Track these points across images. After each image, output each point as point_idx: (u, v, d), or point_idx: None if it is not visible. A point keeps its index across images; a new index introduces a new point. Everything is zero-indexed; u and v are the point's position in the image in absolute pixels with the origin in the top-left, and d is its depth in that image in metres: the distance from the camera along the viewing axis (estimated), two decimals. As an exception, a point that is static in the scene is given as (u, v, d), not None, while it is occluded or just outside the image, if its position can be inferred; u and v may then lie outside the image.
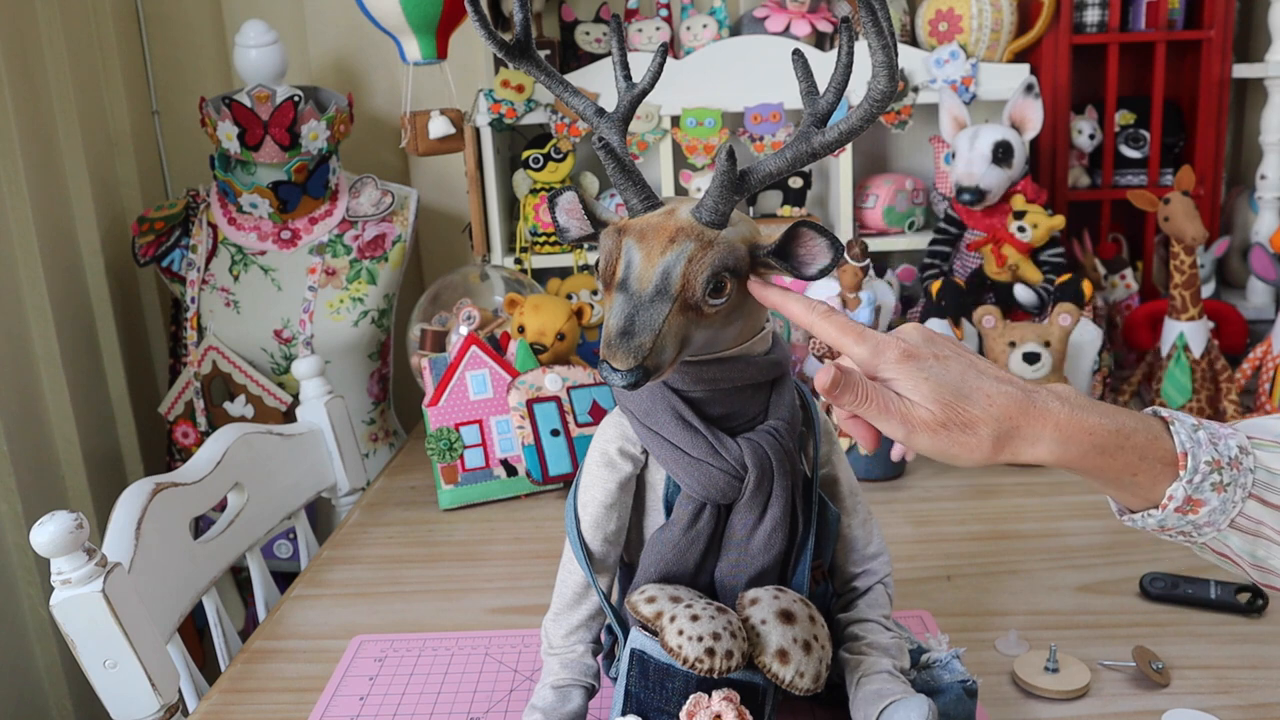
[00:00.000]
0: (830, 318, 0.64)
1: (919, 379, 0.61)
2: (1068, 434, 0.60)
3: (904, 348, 0.62)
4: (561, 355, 1.34)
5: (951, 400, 0.60)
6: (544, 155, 1.63)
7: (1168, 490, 0.60)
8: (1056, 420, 0.60)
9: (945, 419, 0.60)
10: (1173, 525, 0.61)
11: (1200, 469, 0.59)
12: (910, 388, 0.61)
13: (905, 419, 0.61)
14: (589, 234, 0.72)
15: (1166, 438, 0.61)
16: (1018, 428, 0.60)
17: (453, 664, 0.91)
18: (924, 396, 0.60)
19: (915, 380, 0.61)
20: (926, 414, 0.60)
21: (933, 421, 0.60)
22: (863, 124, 0.65)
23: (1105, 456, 0.60)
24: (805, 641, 0.68)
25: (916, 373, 0.61)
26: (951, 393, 0.60)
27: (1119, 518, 0.65)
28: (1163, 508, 0.60)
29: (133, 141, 1.73)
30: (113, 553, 0.88)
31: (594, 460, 0.74)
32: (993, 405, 0.60)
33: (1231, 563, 0.63)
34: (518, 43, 0.75)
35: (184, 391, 1.59)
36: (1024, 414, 0.60)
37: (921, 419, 0.61)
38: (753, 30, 1.68)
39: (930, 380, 0.61)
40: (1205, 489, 0.59)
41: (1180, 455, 0.60)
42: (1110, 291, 1.65)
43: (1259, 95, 1.69)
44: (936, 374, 0.61)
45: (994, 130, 1.46)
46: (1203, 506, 0.60)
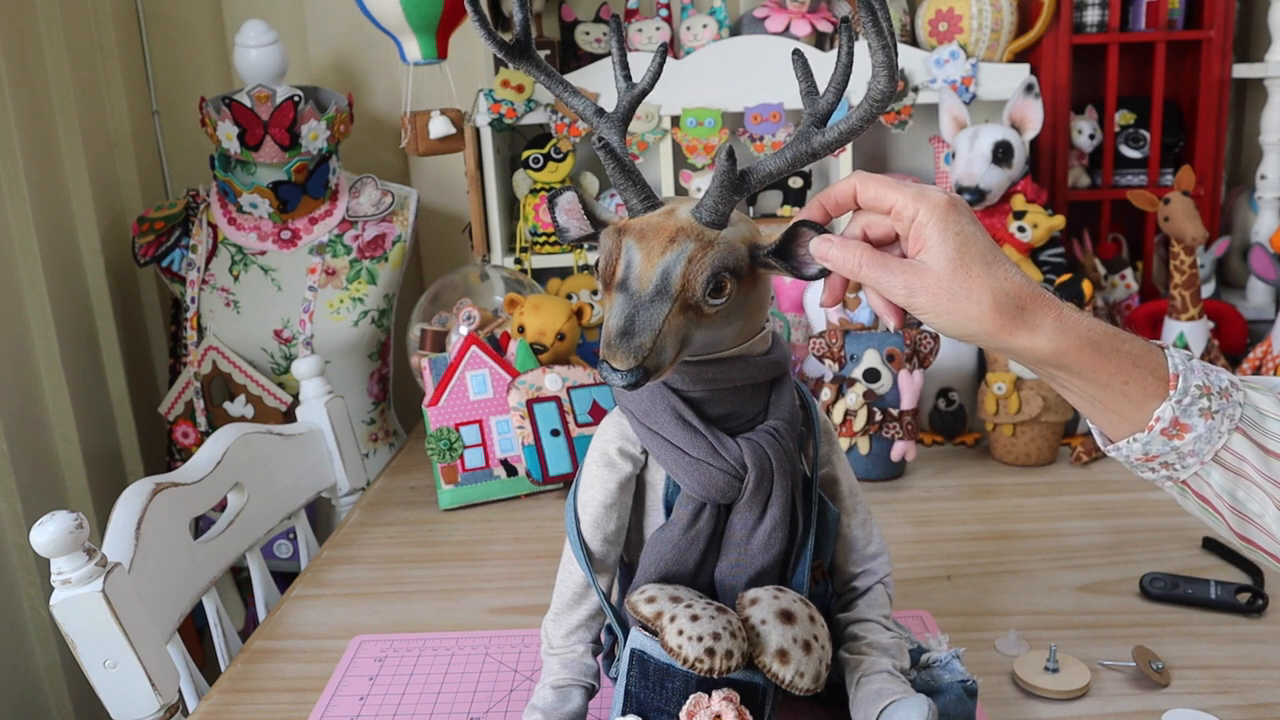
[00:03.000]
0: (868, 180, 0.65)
1: (950, 231, 0.60)
2: (1068, 324, 0.60)
3: (949, 198, 0.61)
4: (561, 355, 1.34)
5: (971, 263, 0.59)
6: (544, 155, 1.63)
7: (1156, 410, 0.59)
8: (1059, 311, 0.60)
9: (955, 281, 0.59)
10: (1157, 451, 0.60)
11: (1190, 391, 0.59)
12: (938, 238, 0.60)
13: (907, 280, 0.61)
14: (589, 234, 0.72)
15: (1160, 355, 0.61)
16: (1023, 308, 0.59)
17: (453, 664, 0.91)
18: (947, 251, 0.60)
19: (946, 233, 0.60)
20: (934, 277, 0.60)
21: (939, 285, 0.60)
22: (863, 124, 0.65)
23: (1100, 355, 0.60)
24: (805, 641, 0.68)
25: (952, 224, 0.60)
26: (974, 255, 0.60)
27: (1103, 448, 0.64)
28: (1149, 429, 0.60)
29: (133, 141, 1.73)
30: (113, 553, 0.88)
31: (594, 460, 0.75)
32: (1009, 282, 0.60)
33: (1212, 510, 0.62)
34: (518, 43, 0.75)
35: (184, 391, 1.59)
36: (1032, 298, 0.60)
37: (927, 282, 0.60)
38: (753, 30, 1.68)
39: (961, 234, 0.60)
40: (1193, 413, 0.59)
41: (1173, 375, 0.59)
42: (1110, 291, 1.65)
43: (1259, 95, 1.69)
44: (970, 232, 0.60)
45: (994, 130, 1.46)
46: (1189, 432, 0.59)
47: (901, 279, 0.61)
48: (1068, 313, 0.60)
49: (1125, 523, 1.14)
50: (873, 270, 0.62)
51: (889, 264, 0.62)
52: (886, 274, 0.61)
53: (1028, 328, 0.60)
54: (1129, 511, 1.17)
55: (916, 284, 0.61)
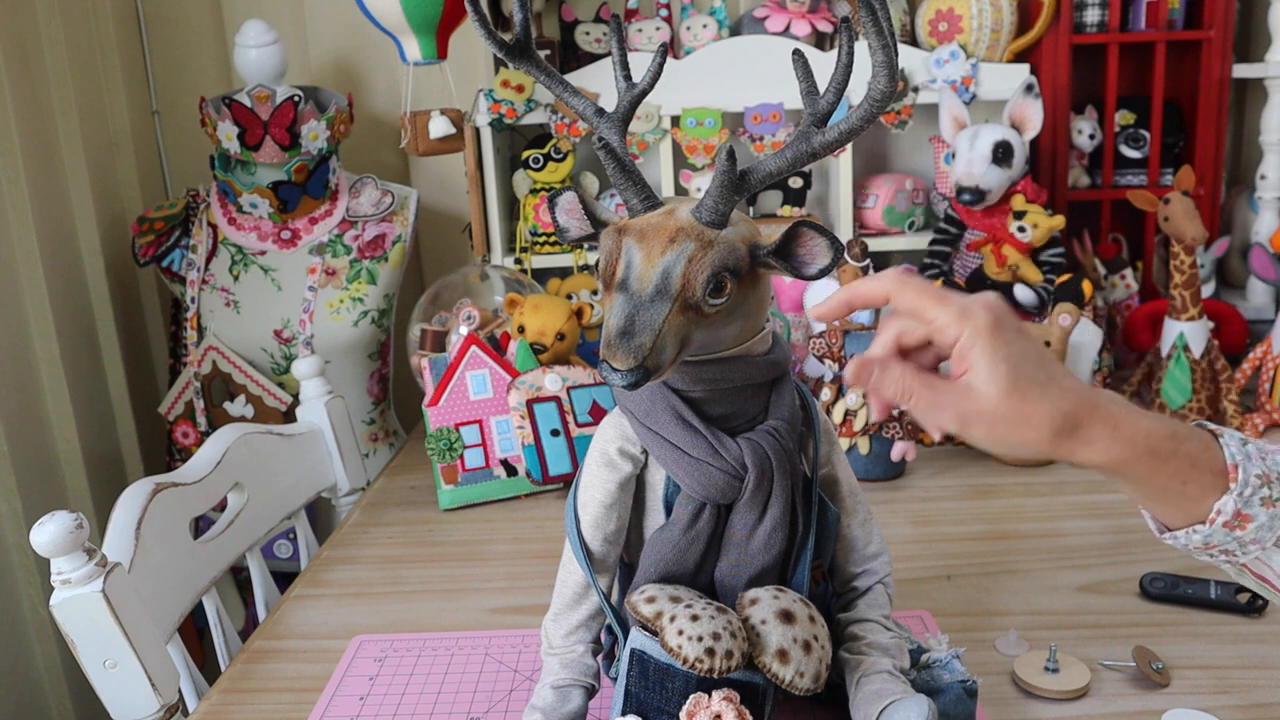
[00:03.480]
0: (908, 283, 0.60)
1: (999, 357, 0.56)
2: (1124, 434, 0.57)
3: (994, 317, 0.56)
4: (561, 355, 1.34)
5: (1024, 387, 0.56)
6: (544, 155, 1.63)
7: (1216, 504, 0.58)
8: (1115, 421, 0.57)
9: (1008, 409, 0.56)
10: (1218, 542, 0.59)
11: (1251, 482, 0.57)
12: (987, 365, 0.56)
13: (960, 411, 0.57)
14: (589, 234, 0.72)
15: (1216, 448, 0.59)
16: (1079, 425, 0.57)
17: (453, 664, 0.91)
18: (998, 379, 0.56)
19: (994, 359, 0.56)
20: (987, 405, 0.56)
21: (992, 414, 0.56)
22: (863, 124, 0.65)
23: (1158, 461, 0.58)
24: (805, 641, 0.68)
25: (1000, 348, 0.56)
26: (1028, 378, 0.56)
27: (1158, 535, 0.62)
28: (1210, 522, 0.58)
29: (133, 141, 1.73)
30: (113, 553, 0.89)
31: (594, 460, 0.75)
32: (1063, 399, 0.56)
33: (1271, 587, 0.61)
34: (518, 43, 0.75)
35: (184, 391, 1.59)
36: (1088, 411, 0.57)
37: (980, 409, 0.56)
38: (753, 30, 1.68)
39: (1011, 359, 0.56)
40: (1255, 503, 0.57)
41: (1231, 467, 0.58)
42: (1110, 291, 1.65)
43: (1259, 95, 1.69)
44: (1019, 352, 0.56)
45: (994, 130, 1.46)
46: (1250, 522, 0.57)
47: (954, 411, 0.58)
48: (1124, 420, 0.57)
49: (1125, 523, 1.14)
50: (923, 401, 0.58)
51: (939, 392, 0.58)
52: (937, 408, 0.58)
53: (1083, 443, 0.57)
54: (1129, 511, 1.17)
55: (971, 413, 0.57)
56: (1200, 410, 1.37)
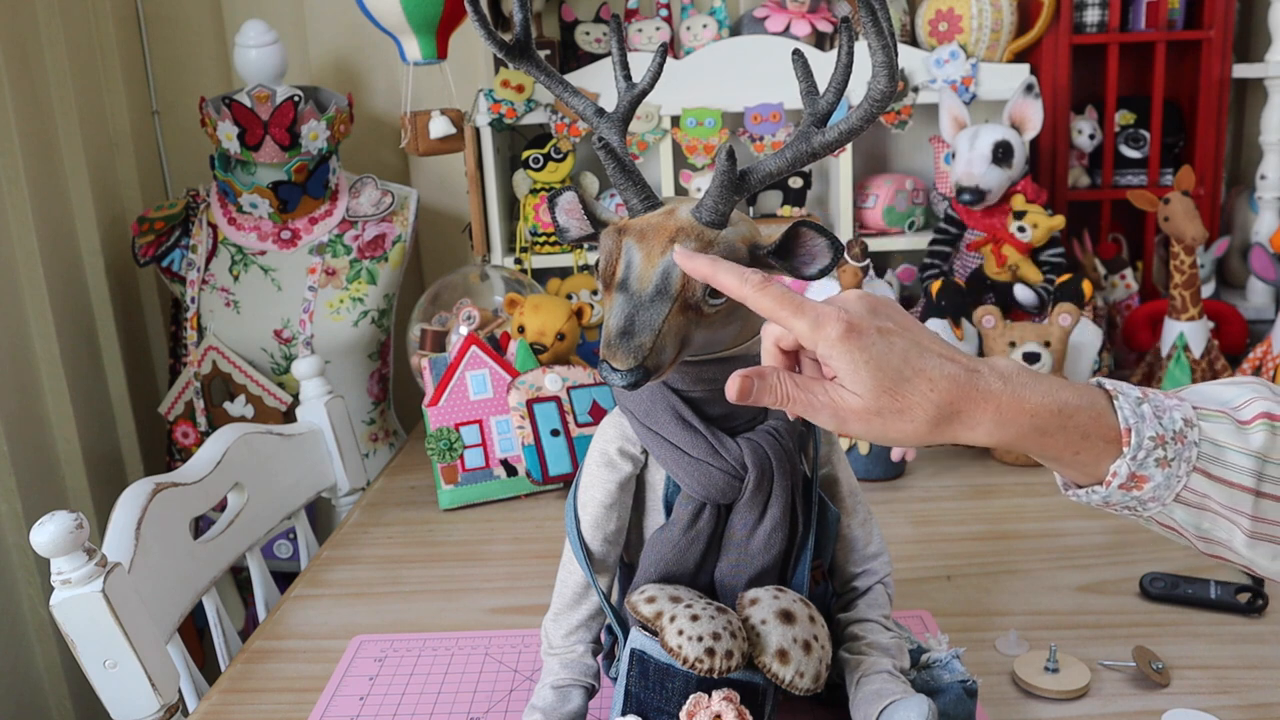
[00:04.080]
0: (764, 289, 0.60)
1: (859, 362, 0.57)
2: (1007, 416, 0.57)
3: (846, 323, 0.57)
4: (561, 355, 1.34)
5: (891, 386, 0.57)
6: (544, 155, 1.63)
7: (1111, 467, 0.58)
8: (998, 402, 0.57)
9: (880, 406, 0.57)
10: (1117, 501, 0.60)
11: (1144, 445, 0.57)
12: (848, 370, 0.57)
13: (835, 411, 0.58)
14: (589, 234, 0.72)
15: (1110, 413, 0.58)
16: (958, 412, 0.57)
17: (453, 664, 0.91)
18: (861, 382, 0.57)
19: (854, 364, 0.57)
20: (859, 402, 0.57)
21: (865, 410, 0.57)
22: (863, 124, 0.65)
23: (1045, 437, 0.58)
24: (805, 641, 0.68)
25: (857, 354, 0.57)
26: (892, 377, 0.57)
27: (1064, 492, 0.63)
28: (1106, 484, 0.59)
29: (133, 141, 1.73)
30: (113, 553, 0.89)
31: (594, 460, 0.75)
32: (934, 391, 0.57)
33: (1178, 534, 0.62)
34: (518, 43, 0.75)
35: (184, 391, 1.59)
36: (965, 397, 0.57)
37: (853, 408, 0.57)
38: (753, 30, 1.68)
39: (871, 363, 0.57)
40: (1149, 465, 0.57)
41: (1124, 431, 0.58)
42: (1110, 291, 1.65)
43: (1259, 95, 1.69)
44: (879, 354, 0.57)
45: (994, 130, 1.46)
46: (1147, 483, 0.58)
47: (828, 413, 0.59)
48: (1006, 400, 0.57)
49: (1125, 523, 1.13)
50: (799, 405, 0.59)
51: (813, 395, 0.59)
52: (813, 409, 0.59)
53: (965, 426, 0.58)
54: (1129, 511, 1.17)
55: (844, 413, 0.58)
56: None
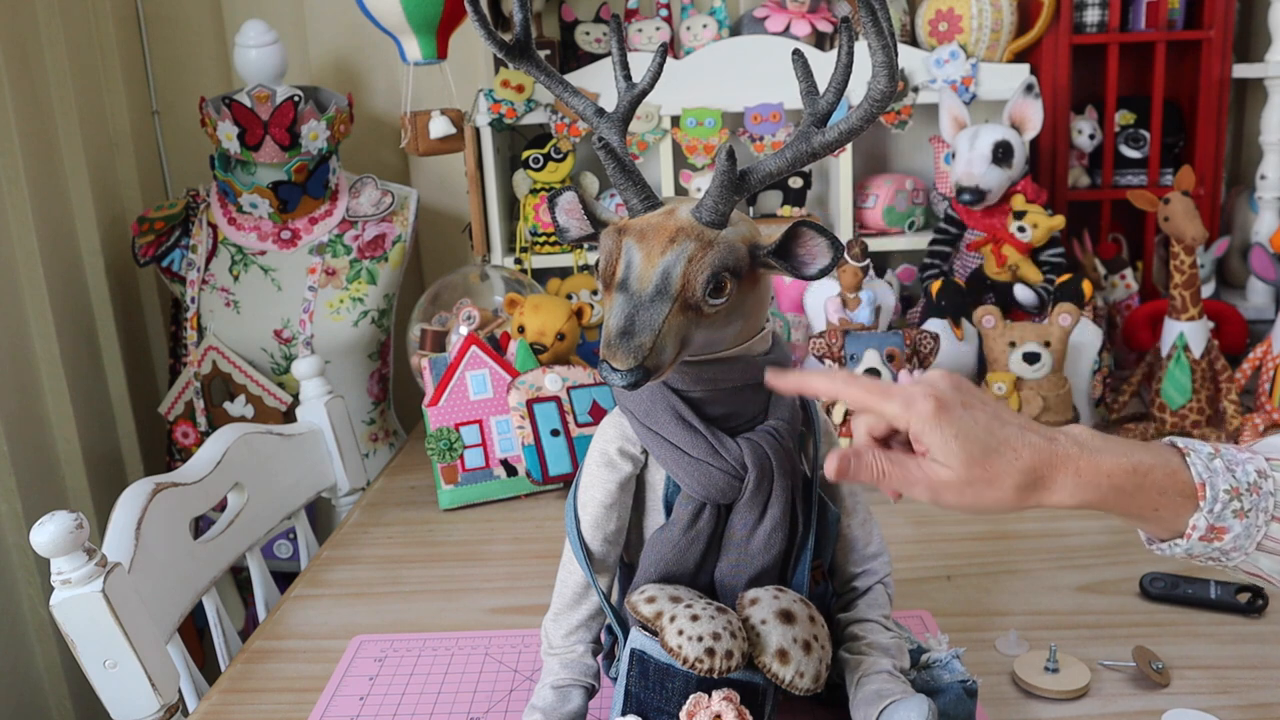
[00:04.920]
0: (854, 382, 0.65)
1: (949, 436, 0.60)
2: (1087, 478, 0.61)
3: (936, 401, 0.61)
4: (561, 355, 1.34)
5: (980, 457, 0.60)
6: (544, 155, 1.63)
7: (1190, 520, 0.61)
8: (1076, 465, 0.61)
9: (972, 476, 0.60)
10: (1200, 553, 0.62)
11: (1220, 498, 0.60)
12: (940, 446, 0.61)
13: (929, 484, 0.62)
14: (589, 234, 0.72)
15: (1184, 470, 0.61)
16: (1041, 477, 0.61)
17: (453, 664, 0.91)
18: (953, 454, 0.60)
19: (945, 438, 0.61)
20: (951, 474, 0.61)
21: (958, 483, 0.61)
22: (863, 124, 0.65)
23: (1125, 496, 0.61)
24: (805, 641, 0.68)
25: (947, 428, 0.61)
26: (980, 448, 0.60)
27: (1148, 547, 0.66)
28: (1187, 537, 0.61)
29: (133, 141, 1.73)
30: (113, 553, 0.88)
31: (594, 460, 0.75)
32: (1019, 459, 0.60)
33: (1266, 581, 0.64)
34: (518, 43, 0.75)
35: (184, 391, 1.59)
36: (1047, 463, 0.61)
37: (946, 480, 0.61)
38: (753, 30, 1.68)
39: (960, 437, 0.60)
40: (1227, 516, 0.60)
41: (1199, 485, 0.60)
42: (1110, 291, 1.65)
43: (1259, 95, 1.69)
44: (967, 428, 0.61)
45: (994, 130, 1.46)
46: (1226, 534, 0.60)
47: (923, 486, 0.62)
48: (1085, 464, 0.61)
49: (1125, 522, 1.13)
50: (895, 480, 0.63)
51: (908, 470, 0.63)
52: (908, 483, 0.63)
53: (1049, 491, 0.61)
54: (1129, 511, 1.17)
55: (938, 486, 0.62)
56: (1200, 410, 1.37)
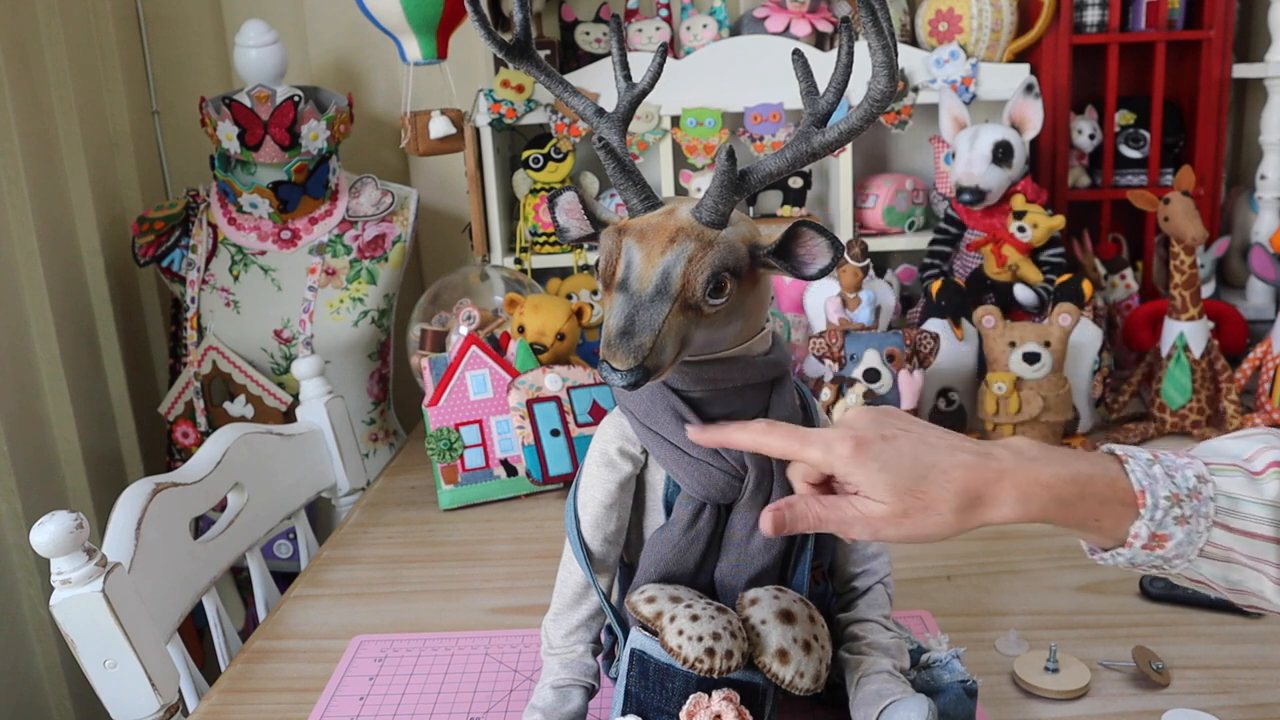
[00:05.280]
0: (770, 432, 0.65)
1: (873, 471, 0.60)
2: (1026, 493, 0.60)
3: (853, 440, 0.61)
4: (561, 355, 1.34)
5: (910, 486, 0.60)
6: (544, 155, 1.63)
7: (1130, 529, 0.60)
8: (1014, 479, 0.60)
9: (906, 508, 0.60)
10: (1142, 561, 0.62)
11: (1160, 504, 0.60)
12: (866, 483, 0.61)
13: (866, 521, 0.61)
14: (589, 234, 0.72)
15: (1124, 478, 0.61)
16: (979, 496, 0.60)
17: (453, 664, 0.91)
18: (881, 490, 0.60)
19: (870, 474, 0.60)
20: (884, 508, 0.60)
21: (893, 515, 0.60)
22: (863, 124, 0.65)
23: (1066, 508, 0.61)
24: (805, 641, 0.68)
25: (870, 464, 0.60)
26: (908, 478, 0.60)
27: (1090, 556, 0.65)
28: (1129, 546, 0.61)
29: (133, 141, 1.73)
30: (113, 553, 0.89)
31: (594, 460, 0.74)
32: (951, 481, 0.60)
33: (1207, 587, 0.63)
34: (518, 43, 0.75)
35: (184, 391, 1.59)
36: (981, 480, 0.60)
37: (881, 515, 0.61)
38: (753, 30, 1.68)
39: (885, 470, 0.60)
40: (1168, 523, 0.60)
41: (1138, 493, 0.60)
42: (1110, 291, 1.65)
43: (1259, 95, 1.69)
44: (890, 461, 0.60)
45: (994, 130, 1.46)
46: (1168, 540, 0.60)
47: (860, 524, 0.62)
48: (1023, 478, 0.60)
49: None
50: (833, 525, 0.63)
51: (843, 511, 0.62)
52: (845, 524, 0.62)
53: (990, 508, 0.60)
54: (1129, 511, 1.17)
55: (875, 522, 0.61)
56: (1200, 410, 1.37)
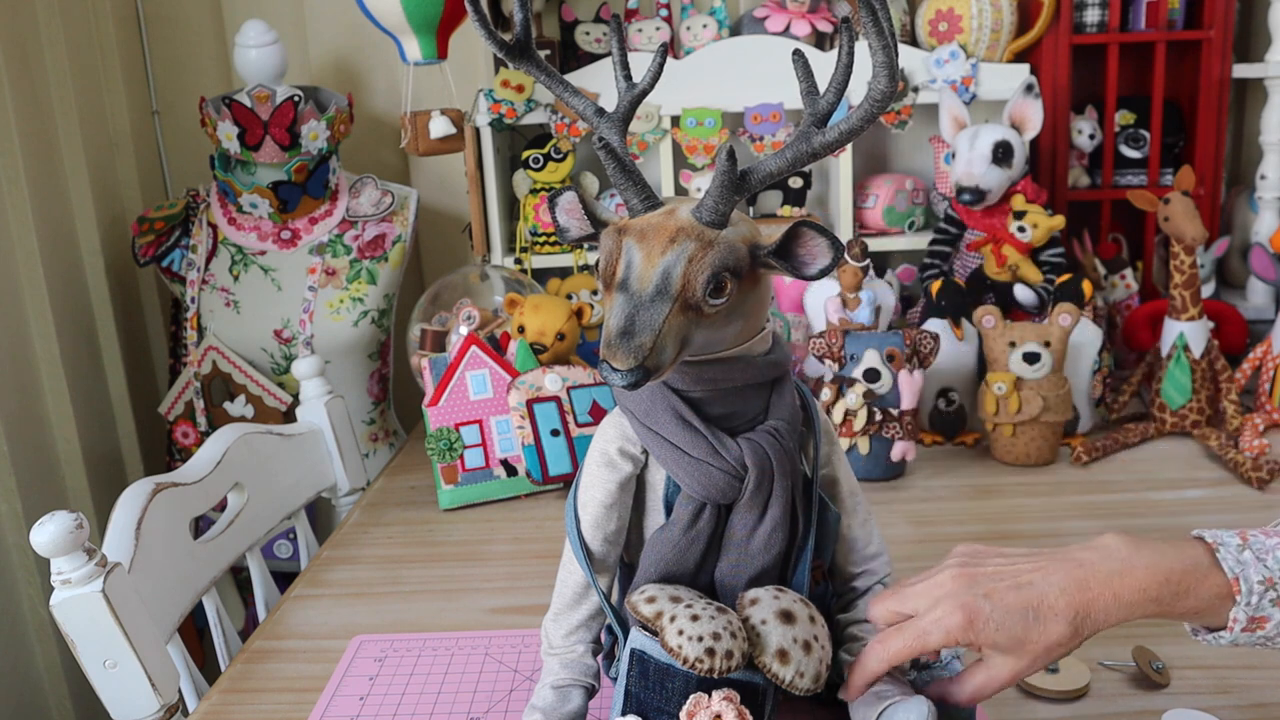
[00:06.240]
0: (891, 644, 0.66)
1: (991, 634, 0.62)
2: (1127, 601, 0.63)
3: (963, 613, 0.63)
4: (561, 355, 1.34)
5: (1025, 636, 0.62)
6: (544, 155, 1.63)
7: (1229, 614, 0.62)
8: (1114, 591, 0.63)
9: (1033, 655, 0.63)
10: (1245, 642, 0.64)
11: (1255, 589, 0.62)
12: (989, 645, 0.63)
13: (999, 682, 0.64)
14: (589, 234, 0.72)
15: (1215, 569, 0.63)
16: (1088, 614, 0.63)
17: (453, 664, 0.91)
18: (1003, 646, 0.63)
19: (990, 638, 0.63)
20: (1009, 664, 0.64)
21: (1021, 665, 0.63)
22: (863, 124, 0.65)
23: (1163, 606, 0.63)
24: (805, 642, 0.68)
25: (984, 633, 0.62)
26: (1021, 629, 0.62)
27: (1195, 637, 0.67)
28: (1230, 630, 0.63)
29: (133, 141, 1.73)
30: (113, 553, 0.88)
31: (594, 460, 0.74)
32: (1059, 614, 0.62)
33: None
34: (518, 43, 0.75)
35: (184, 391, 1.59)
36: (1084, 600, 0.63)
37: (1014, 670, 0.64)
38: (753, 30, 1.68)
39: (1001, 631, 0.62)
40: (1265, 606, 0.62)
41: (1232, 581, 0.62)
42: (1110, 291, 1.65)
43: (1259, 95, 1.69)
44: (1003, 621, 0.62)
45: (994, 130, 1.46)
46: (1268, 622, 0.62)
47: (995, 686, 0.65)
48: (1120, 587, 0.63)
49: (1125, 523, 1.13)
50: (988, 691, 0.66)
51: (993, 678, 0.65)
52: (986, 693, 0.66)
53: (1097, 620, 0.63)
54: (1129, 511, 1.17)
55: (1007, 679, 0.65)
56: (1200, 410, 1.37)
